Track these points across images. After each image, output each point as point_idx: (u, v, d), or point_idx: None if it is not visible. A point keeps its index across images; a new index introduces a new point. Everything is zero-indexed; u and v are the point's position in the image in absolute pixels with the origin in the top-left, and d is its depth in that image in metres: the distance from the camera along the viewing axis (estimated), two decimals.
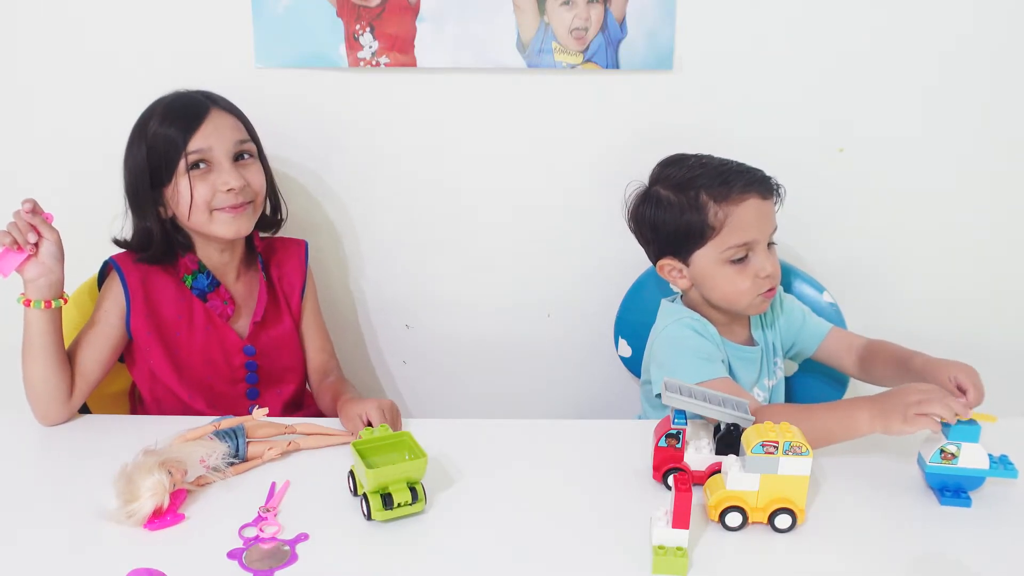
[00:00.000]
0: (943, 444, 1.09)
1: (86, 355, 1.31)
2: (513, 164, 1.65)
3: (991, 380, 1.80)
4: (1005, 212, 1.69)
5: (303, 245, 1.51)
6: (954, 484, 1.11)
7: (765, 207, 1.32)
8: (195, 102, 1.33)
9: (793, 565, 0.99)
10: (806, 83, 1.60)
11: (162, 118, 1.31)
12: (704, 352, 1.31)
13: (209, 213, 1.32)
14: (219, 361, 1.39)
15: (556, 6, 1.52)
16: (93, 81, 1.57)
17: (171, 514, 1.04)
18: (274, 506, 1.08)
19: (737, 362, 1.38)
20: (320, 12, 1.52)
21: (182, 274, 1.38)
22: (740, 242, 1.30)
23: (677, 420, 1.11)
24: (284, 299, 1.47)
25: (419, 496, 1.05)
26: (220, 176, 1.31)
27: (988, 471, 1.10)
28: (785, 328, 1.46)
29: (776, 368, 1.45)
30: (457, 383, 1.82)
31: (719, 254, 1.31)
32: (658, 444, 1.12)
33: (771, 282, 1.32)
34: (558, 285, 1.74)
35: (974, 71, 1.59)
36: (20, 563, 0.98)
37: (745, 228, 1.30)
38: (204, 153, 1.31)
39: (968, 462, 1.10)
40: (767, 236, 1.33)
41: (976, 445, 1.09)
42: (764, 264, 1.31)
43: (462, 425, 1.31)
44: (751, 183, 1.31)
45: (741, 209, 1.30)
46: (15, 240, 1.19)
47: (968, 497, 1.11)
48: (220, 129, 1.32)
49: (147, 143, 1.31)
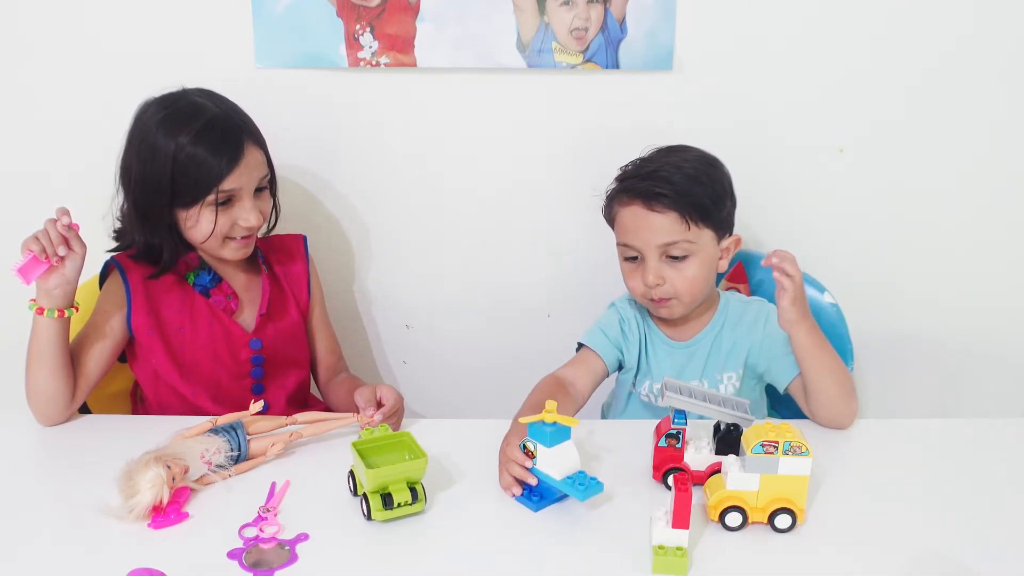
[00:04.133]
0: (523, 440, 1.07)
1: (87, 355, 1.31)
2: (513, 164, 1.65)
3: (992, 380, 1.81)
4: (1006, 212, 1.69)
5: (302, 239, 1.51)
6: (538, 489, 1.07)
7: (649, 218, 1.31)
8: (231, 135, 1.29)
9: (793, 565, 0.99)
10: (806, 83, 1.59)
11: (193, 142, 1.26)
12: (604, 326, 1.42)
13: (222, 241, 1.33)
14: (224, 356, 1.39)
15: (556, 6, 1.52)
16: (93, 81, 1.57)
17: (174, 512, 1.05)
18: (274, 506, 1.08)
19: (658, 351, 1.42)
20: (320, 12, 1.52)
21: (184, 271, 1.38)
22: (623, 242, 1.36)
23: (677, 420, 1.11)
24: (290, 292, 1.47)
25: (419, 496, 1.05)
26: (242, 212, 1.32)
27: (557, 483, 1.04)
28: (760, 347, 1.39)
29: (724, 378, 1.40)
30: (457, 383, 1.82)
31: (617, 247, 1.38)
32: (658, 444, 1.12)
33: (658, 293, 1.33)
34: (558, 285, 1.74)
35: (975, 71, 1.59)
36: (20, 563, 0.98)
37: (625, 231, 1.35)
38: (234, 192, 1.30)
39: (543, 466, 1.06)
40: (649, 245, 1.31)
41: (548, 450, 1.04)
42: (647, 272, 1.33)
43: (462, 425, 1.31)
44: (636, 191, 1.32)
45: (623, 212, 1.35)
46: (43, 249, 1.18)
47: (537, 501, 1.07)
48: (251, 168, 1.32)
49: (175, 162, 1.26)
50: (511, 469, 1.08)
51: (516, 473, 1.08)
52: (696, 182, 1.31)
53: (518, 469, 1.08)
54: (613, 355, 1.41)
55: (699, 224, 1.31)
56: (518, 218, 1.69)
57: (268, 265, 1.46)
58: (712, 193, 1.32)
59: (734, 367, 1.41)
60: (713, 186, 1.33)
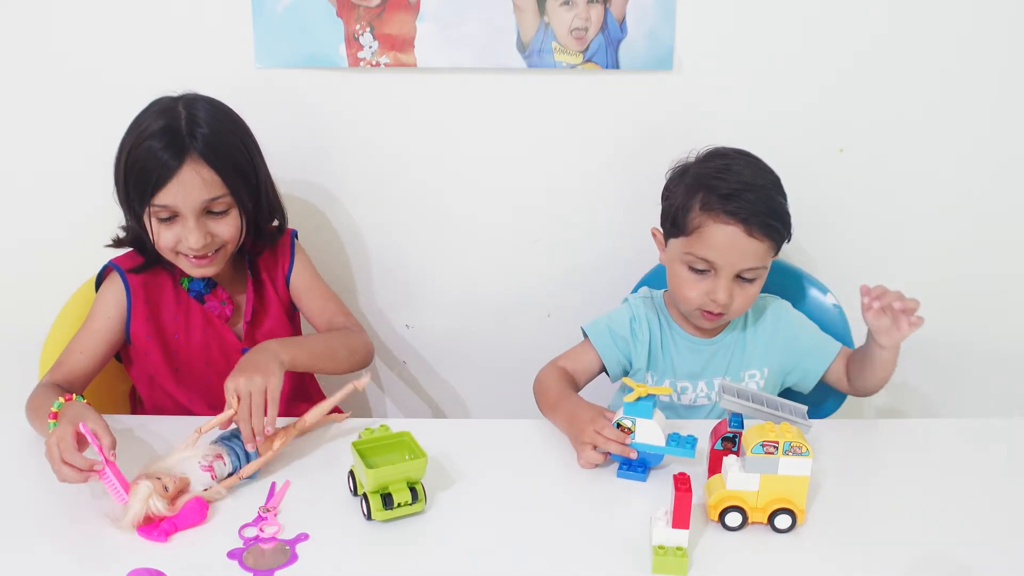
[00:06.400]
0: (619, 418, 1.14)
1: (84, 359, 1.31)
2: (513, 164, 1.65)
3: (992, 380, 1.81)
4: (1007, 212, 1.69)
5: (288, 235, 1.47)
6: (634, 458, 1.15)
7: (744, 242, 1.28)
8: (175, 143, 1.23)
9: (793, 565, 0.99)
10: (806, 83, 1.59)
11: (149, 136, 1.24)
12: (612, 324, 1.40)
13: (175, 255, 1.30)
14: (219, 362, 1.38)
15: (556, 6, 1.52)
16: (93, 81, 1.56)
17: (169, 522, 1.03)
18: (274, 506, 1.08)
19: (679, 348, 1.40)
20: (320, 12, 1.52)
21: (179, 276, 1.37)
22: (701, 255, 1.29)
23: (734, 423, 1.09)
24: (270, 283, 1.44)
25: (419, 496, 1.05)
26: (184, 231, 1.26)
27: (664, 448, 1.13)
28: (789, 346, 1.41)
29: (746, 376, 1.41)
30: (457, 383, 1.82)
31: (683, 254, 1.32)
32: (713, 447, 1.10)
33: (717, 308, 1.31)
34: (558, 285, 1.74)
35: (975, 70, 1.59)
36: (20, 562, 0.98)
37: (711, 248, 1.28)
38: (170, 208, 1.25)
39: (644, 437, 1.13)
40: (733, 267, 1.29)
41: (650, 421, 1.12)
42: (719, 291, 1.29)
43: (462, 425, 1.31)
44: (744, 214, 1.27)
45: (717, 229, 1.28)
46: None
47: (643, 472, 1.14)
48: (189, 188, 1.23)
49: (129, 155, 1.25)
50: (609, 447, 1.14)
51: (616, 450, 1.14)
52: (784, 210, 1.32)
53: (617, 446, 1.14)
54: (614, 356, 1.40)
55: (777, 252, 1.33)
56: (518, 218, 1.69)
57: (255, 273, 1.43)
58: (789, 223, 1.34)
59: (758, 366, 1.41)
60: (788, 214, 1.34)
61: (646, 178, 1.47)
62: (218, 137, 1.27)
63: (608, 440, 1.14)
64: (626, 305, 1.44)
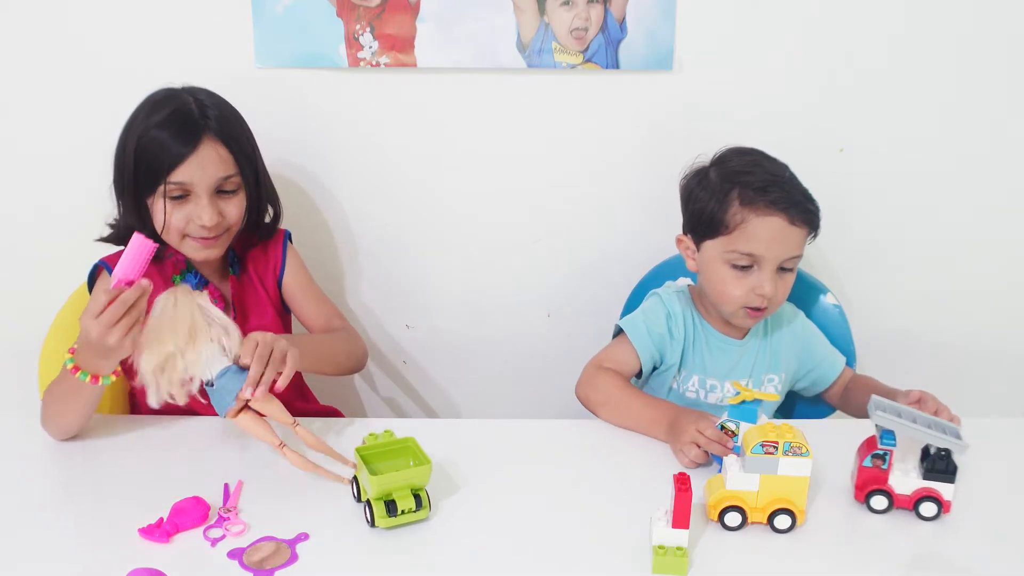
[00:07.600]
0: (723, 421, 1.15)
1: None
2: (513, 164, 1.65)
3: (992, 380, 1.81)
4: (1007, 212, 1.69)
5: (281, 235, 1.48)
6: None
7: (787, 231, 1.29)
8: (189, 124, 1.27)
9: (793, 565, 0.99)
10: (806, 83, 1.60)
11: (157, 125, 1.26)
12: (649, 322, 1.37)
13: (181, 237, 1.31)
14: None
15: (556, 6, 1.52)
16: (93, 81, 1.57)
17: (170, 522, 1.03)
18: (233, 506, 1.07)
19: (711, 347, 1.40)
20: (320, 12, 1.52)
21: (171, 273, 1.37)
22: (745, 251, 1.29)
23: (885, 440, 1.06)
24: (258, 281, 1.44)
25: (423, 503, 1.03)
26: (197, 209, 1.28)
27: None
28: (803, 354, 1.44)
29: (765, 380, 1.42)
30: (457, 383, 1.82)
31: (723, 253, 1.31)
32: (862, 464, 1.08)
33: (763, 302, 1.31)
34: (558, 285, 1.74)
35: (975, 70, 1.59)
36: (20, 562, 0.98)
37: (756, 241, 1.28)
38: (185, 186, 1.27)
39: None
40: (777, 258, 1.29)
41: (754, 425, 1.11)
42: (764, 283, 1.29)
43: (463, 426, 1.31)
44: (784, 203, 1.28)
45: (760, 221, 1.28)
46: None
47: None
48: (206, 164, 1.27)
49: (137, 144, 1.27)
50: (711, 448, 1.15)
51: (717, 451, 1.14)
52: (813, 197, 1.33)
53: (718, 447, 1.13)
54: (649, 355, 1.37)
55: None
56: (518, 218, 1.69)
57: (239, 269, 1.43)
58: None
59: (776, 370, 1.42)
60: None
61: (647, 178, 1.47)
62: (227, 120, 1.32)
63: (710, 441, 1.14)
64: (657, 300, 1.41)
